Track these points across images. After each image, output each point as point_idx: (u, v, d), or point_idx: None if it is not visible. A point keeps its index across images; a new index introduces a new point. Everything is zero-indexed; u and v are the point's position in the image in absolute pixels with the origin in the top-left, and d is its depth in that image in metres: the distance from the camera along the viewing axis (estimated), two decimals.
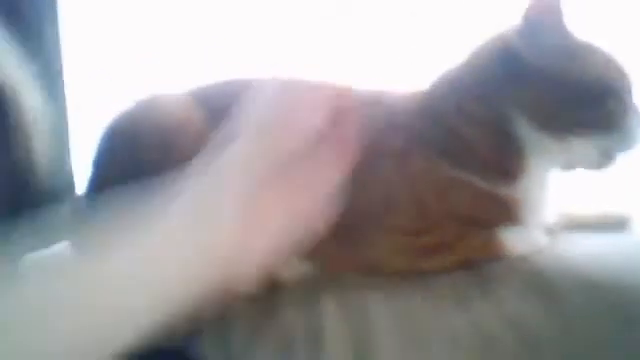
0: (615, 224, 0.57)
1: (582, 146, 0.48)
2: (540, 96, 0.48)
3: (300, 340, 0.47)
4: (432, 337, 0.46)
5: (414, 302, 0.48)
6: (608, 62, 0.49)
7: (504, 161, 0.49)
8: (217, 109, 0.52)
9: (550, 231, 0.52)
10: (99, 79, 0.85)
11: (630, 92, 0.49)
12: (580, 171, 0.51)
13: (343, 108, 0.38)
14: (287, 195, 0.34)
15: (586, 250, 0.49)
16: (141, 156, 0.49)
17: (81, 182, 0.77)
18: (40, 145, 0.49)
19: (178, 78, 0.82)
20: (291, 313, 0.48)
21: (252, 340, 0.47)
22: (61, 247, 0.60)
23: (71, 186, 0.80)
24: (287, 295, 0.50)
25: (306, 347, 0.46)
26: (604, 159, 0.49)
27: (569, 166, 0.51)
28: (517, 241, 0.50)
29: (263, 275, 0.47)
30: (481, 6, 0.79)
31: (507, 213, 0.50)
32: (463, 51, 0.53)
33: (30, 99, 0.48)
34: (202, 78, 0.59)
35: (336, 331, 0.46)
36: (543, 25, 0.47)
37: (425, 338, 0.46)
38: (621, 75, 0.49)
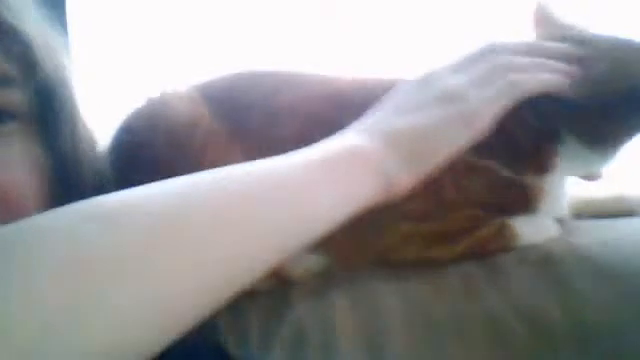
0: (628, 209, 0.57)
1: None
2: (592, 116, 0.47)
3: (313, 335, 0.47)
4: (444, 328, 0.46)
5: (425, 293, 0.47)
6: None
7: (540, 155, 0.49)
8: (224, 103, 0.53)
9: (561, 219, 0.52)
10: (106, 79, 0.86)
11: None
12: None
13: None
14: None
15: (598, 237, 0.49)
16: (152, 155, 0.50)
17: None
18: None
19: (180, 75, 0.83)
20: (303, 308, 0.48)
21: (267, 337, 0.48)
22: None
23: None
24: (298, 290, 0.50)
25: (319, 342, 0.46)
26: None
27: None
28: (529, 230, 0.50)
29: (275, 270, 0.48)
30: (481, 4, 0.79)
31: (524, 201, 0.50)
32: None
33: None
34: (202, 73, 0.58)
35: (348, 325, 0.46)
36: None
37: (437, 330, 0.46)
38: None
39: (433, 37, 0.81)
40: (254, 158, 0.38)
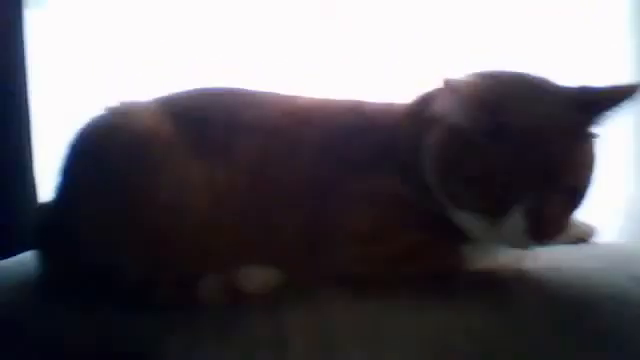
0: (580, 236, 0.60)
1: None
2: None
3: (265, 350, 0.45)
4: (393, 344, 0.45)
5: (378, 311, 0.47)
6: None
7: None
8: (185, 118, 0.53)
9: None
10: (62, 86, 0.85)
11: None
12: None
13: None
14: None
15: (547, 263, 0.51)
16: (110, 164, 0.50)
17: (44, 190, 0.76)
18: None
19: (141, 85, 0.82)
20: (256, 322, 0.47)
21: (219, 351, 0.46)
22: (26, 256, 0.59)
23: (33, 194, 0.79)
24: (253, 304, 0.49)
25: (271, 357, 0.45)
26: None
27: None
28: (479, 255, 0.51)
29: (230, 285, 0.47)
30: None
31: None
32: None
33: None
34: (166, 85, 0.58)
35: (300, 341, 0.46)
36: None
37: (388, 346, 0.45)
38: None
39: (433, 37, 0.82)
40: (214, 170, 0.38)
